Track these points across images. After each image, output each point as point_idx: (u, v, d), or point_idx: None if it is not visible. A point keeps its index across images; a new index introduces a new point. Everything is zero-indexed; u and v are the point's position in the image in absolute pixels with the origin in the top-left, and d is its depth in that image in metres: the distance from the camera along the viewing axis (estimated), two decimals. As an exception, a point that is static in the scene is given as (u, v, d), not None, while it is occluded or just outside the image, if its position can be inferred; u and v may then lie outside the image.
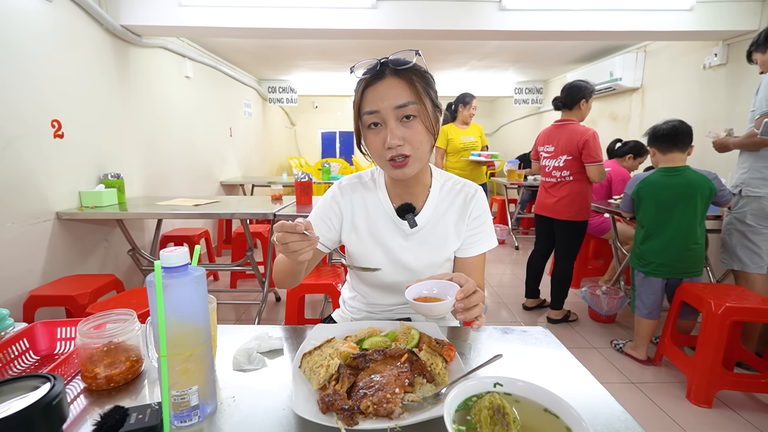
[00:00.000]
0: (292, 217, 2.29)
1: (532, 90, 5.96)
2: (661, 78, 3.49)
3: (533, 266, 2.77)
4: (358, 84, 0.83)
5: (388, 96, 0.78)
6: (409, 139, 0.79)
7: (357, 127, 0.85)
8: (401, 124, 0.79)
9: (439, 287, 0.75)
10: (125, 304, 1.65)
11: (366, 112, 0.80)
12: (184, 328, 0.53)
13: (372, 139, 0.82)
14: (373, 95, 0.79)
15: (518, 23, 2.64)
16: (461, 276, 0.74)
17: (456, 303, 0.68)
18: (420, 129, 0.80)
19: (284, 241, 0.68)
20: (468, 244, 0.95)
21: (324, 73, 5.57)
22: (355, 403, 0.54)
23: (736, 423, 1.65)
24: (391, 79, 0.79)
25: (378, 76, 0.80)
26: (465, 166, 3.42)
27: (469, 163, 3.43)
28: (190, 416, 0.55)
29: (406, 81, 0.79)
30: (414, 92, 0.79)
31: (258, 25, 2.61)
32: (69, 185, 2.25)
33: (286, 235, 0.67)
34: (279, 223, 0.69)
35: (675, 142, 1.95)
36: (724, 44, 2.79)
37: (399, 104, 0.78)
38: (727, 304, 1.68)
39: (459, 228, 0.94)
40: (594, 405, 0.60)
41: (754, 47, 1.96)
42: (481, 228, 0.95)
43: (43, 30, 2.06)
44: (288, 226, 0.67)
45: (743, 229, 1.99)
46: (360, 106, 0.81)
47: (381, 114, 0.78)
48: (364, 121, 0.81)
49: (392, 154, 0.79)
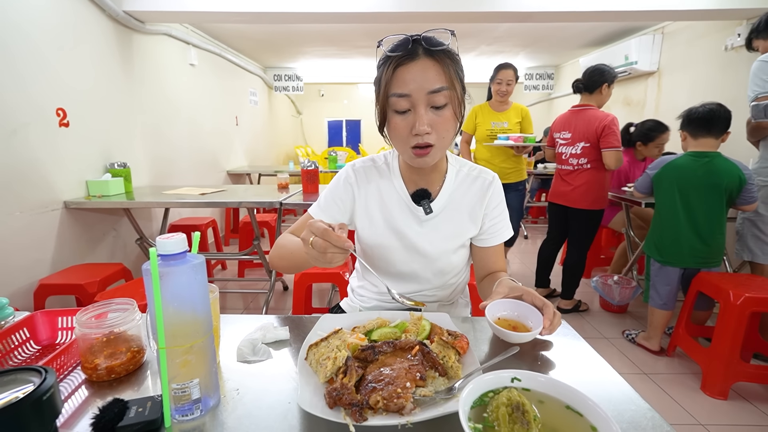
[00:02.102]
0: (298, 205, 2.26)
1: (543, 76, 5.81)
2: (680, 61, 3.36)
3: (544, 255, 2.71)
4: (387, 61, 0.75)
5: (421, 79, 0.72)
6: (437, 127, 0.75)
7: (382, 107, 0.78)
8: (431, 110, 0.75)
9: (518, 309, 0.74)
10: (133, 292, 1.65)
11: (396, 94, 0.74)
12: (183, 319, 0.51)
13: (398, 123, 0.76)
14: (403, 76, 0.73)
15: (531, 4, 2.55)
16: (534, 296, 0.74)
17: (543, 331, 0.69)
18: (449, 116, 0.76)
19: (324, 250, 0.61)
20: (490, 234, 0.93)
21: (330, 60, 5.48)
22: (364, 398, 0.51)
23: (753, 415, 1.61)
24: (425, 60, 0.73)
25: (410, 56, 0.73)
26: (493, 156, 2.73)
27: (499, 152, 2.72)
28: (192, 410, 0.53)
29: (440, 64, 0.73)
30: (447, 76, 0.74)
31: (263, 9, 2.55)
32: (76, 174, 2.24)
33: (327, 246, 0.61)
34: (323, 228, 0.61)
35: (709, 128, 1.84)
36: (748, 23, 2.66)
37: (432, 89, 0.72)
38: (747, 295, 1.63)
39: (475, 215, 0.91)
40: (618, 401, 0.56)
41: (755, 34, 1.88)
42: (501, 217, 0.93)
43: (46, 17, 2.03)
44: (334, 238, 0.60)
45: (754, 218, 1.95)
46: (388, 85, 0.75)
47: (412, 98, 0.73)
48: (392, 103, 0.75)
49: (418, 141, 0.75)
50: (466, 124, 2.80)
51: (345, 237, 0.61)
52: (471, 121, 2.80)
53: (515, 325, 0.73)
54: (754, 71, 1.78)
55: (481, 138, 2.78)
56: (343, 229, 0.63)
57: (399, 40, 0.75)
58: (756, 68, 1.77)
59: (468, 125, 2.81)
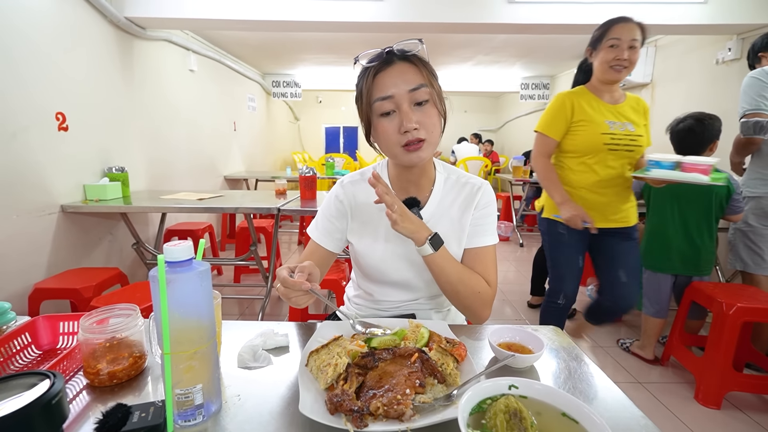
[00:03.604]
0: (296, 212, 2.27)
1: (539, 85, 5.89)
2: (672, 73, 3.43)
3: (539, 263, 2.73)
4: (366, 72, 0.80)
5: (400, 80, 0.77)
6: (424, 122, 0.78)
7: (366, 117, 0.82)
8: (415, 107, 0.78)
9: (519, 335, 0.75)
10: (129, 297, 1.64)
11: (378, 98, 0.78)
12: (188, 325, 0.51)
13: (385, 125, 0.79)
14: (384, 80, 0.78)
15: (527, 16, 2.59)
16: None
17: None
18: (433, 112, 0.80)
19: (288, 296, 0.69)
20: (477, 234, 0.91)
21: (328, 67, 5.53)
22: (365, 404, 0.52)
23: (745, 425, 1.62)
24: (401, 64, 0.78)
25: (387, 63, 0.79)
26: (604, 187, 1.60)
27: (615, 183, 1.60)
28: (194, 415, 0.53)
29: (416, 65, 0.79)
30: (425, 75, 0.79)
31: (263, 17, 2.58)
32: (73, 178, 2.24)
33: (289, 292, 0.68)
34: (282, 277, 0.67)
35: (688, 148, 1.89)
36: (739, 38, 2.73)
37: (412, 87, 0.77)
38: (739, 305, 1.65)
39: (464, 221, 0.91)
40: (612, 409, 0.57)
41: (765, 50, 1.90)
42: (487, 220, 0.92)
43: (48, 21, 2.04)
44: (290, 283, 0.66)
45: (746, 229, 1.97)
46: (370, 93, 0.79)
47: (395, 99, 0.77)
48: (376, 108, 0.79)
49: (408, 138, 0.78)
50: (549, 124, 1.63)
51: (301, 280, 0.66)
52: (560, 116, 1.60)
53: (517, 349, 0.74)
54: (744, 88, 1.80)
55: (591, 148, 1.58)
56: (302, 272, 0.68)
57: (374, 53, 0.80)
58: (746, 85, 1.80)
59: (554, 124, 1.62)
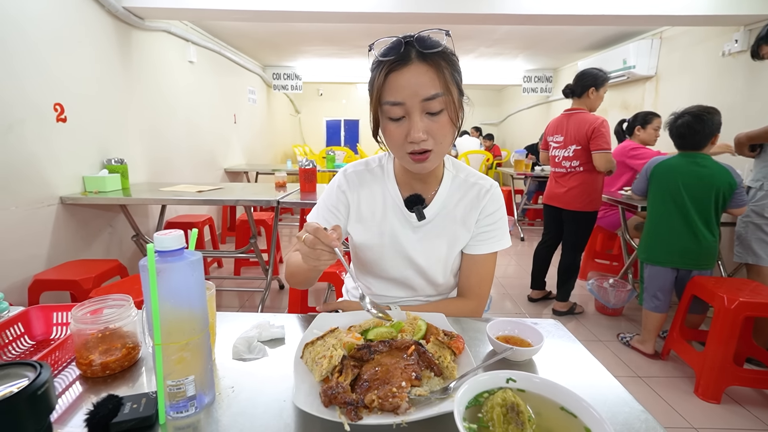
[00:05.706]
0: (296, 204, 2.26)
1: (542, 78, 5.84)
2: (677, 66, 3.38)
3: (540, 257, 2.72)
4: (379, 66, 0.73)
5: (414, 86, 0.70)
6: (434, 133, 0.73)
7: (375, 113, 0.77)
8: (426, 116, 0.72)
9: (518, 328, 0.74)
10: (128, 289, 1.64)
11: (388, 102, 0.72)
12: (179, 316, 0.50)
13: (392, 130, 0.74)
14: (396, 83, 0.70)
15: (531, 6, 2.56)
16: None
17: None
18: (445, 122, 0.73)
19: (313, 246, 0.64)
20: (477, 241, 0.89)
21: (329, 59, 5.48)
22: (360, 397, 0.51)
23: (745, 419, 1.62)
24: (418, 65, 0.70)
25: (403, 60, 0.70)
26: None
27: None
28: (187, 407, 0.52)
29: (435, 68, 0.70)
30: (442, 81, 0.71)
31: (263, 7, 2.54)
32: (72, 170, 2.23)
33: (316, 242, 0.63)
34: (315, 227, 0.63)
35: (687, 144, 1.88)
36: (746, 30, 2.68)
37: (426, 96, 0.70)
38: (741, 299, 1.64)
39: (469, 222, 0.88)
40: (612, 403, 0.57)
41: (764, 41, 1.86)
42: (495, 226, 0.89)
43: (45, 12, 2.02)
44: (323, 235, 0.63)
45: (760, 222, 1.94)
46: (381, 92, 0.72)
47: (406, 106, 0.71)
48: (385, 110, 0.73)
49: (414, 148, 0.73)
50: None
51: (334, 237, 0.63)
52: None
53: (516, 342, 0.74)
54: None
55: None
56: (336, 231, 0.64)
57: (391, 43, 0.72)
58: None
59: None
